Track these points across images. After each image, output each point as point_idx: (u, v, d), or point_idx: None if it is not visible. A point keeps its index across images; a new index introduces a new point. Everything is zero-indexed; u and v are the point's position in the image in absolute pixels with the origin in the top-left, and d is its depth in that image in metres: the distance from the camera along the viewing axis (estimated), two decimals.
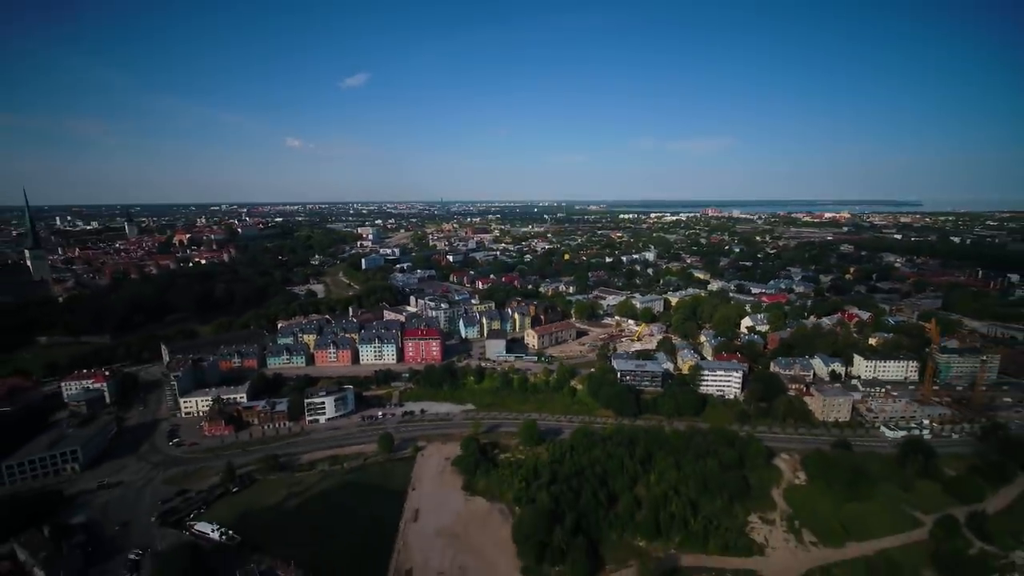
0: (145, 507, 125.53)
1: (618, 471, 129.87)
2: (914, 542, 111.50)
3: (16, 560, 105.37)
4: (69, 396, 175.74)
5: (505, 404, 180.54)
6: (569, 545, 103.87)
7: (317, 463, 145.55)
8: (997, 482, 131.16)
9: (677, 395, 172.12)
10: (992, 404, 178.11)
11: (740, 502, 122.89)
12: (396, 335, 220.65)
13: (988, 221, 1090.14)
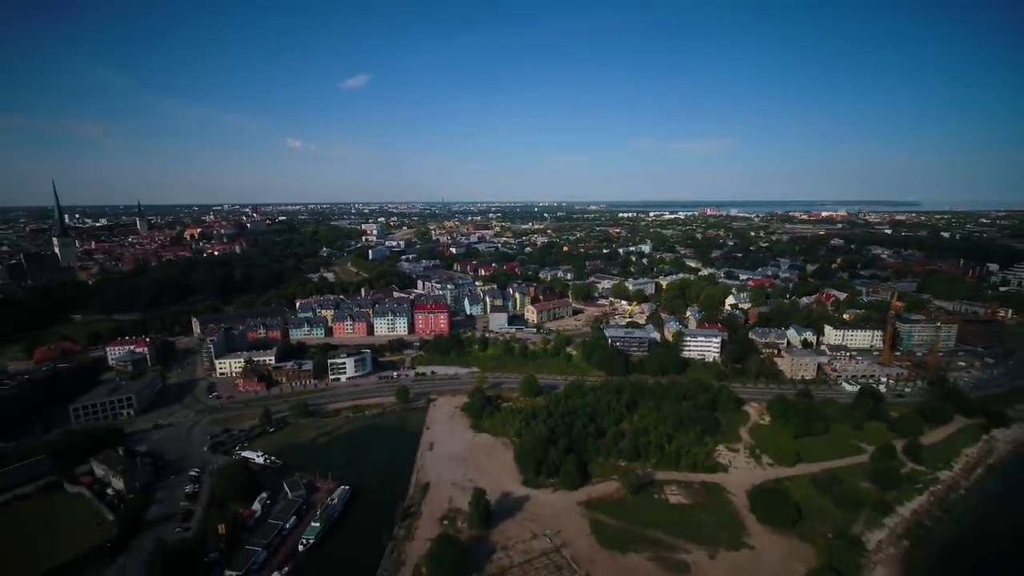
0: (196, 441, 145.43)
1: (606, 412, 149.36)
2: (857, 463, 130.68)
3: (94, 475, 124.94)
4: (115, 359, 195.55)
5: (507, 367, 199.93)
6: (562, 462, 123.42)
7: (341, 411, 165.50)
8: (936, 422, 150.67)
9: (662, 356, 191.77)
10: (947, 367, 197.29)
11: (710, 435, 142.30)
12: (407, 309, 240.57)
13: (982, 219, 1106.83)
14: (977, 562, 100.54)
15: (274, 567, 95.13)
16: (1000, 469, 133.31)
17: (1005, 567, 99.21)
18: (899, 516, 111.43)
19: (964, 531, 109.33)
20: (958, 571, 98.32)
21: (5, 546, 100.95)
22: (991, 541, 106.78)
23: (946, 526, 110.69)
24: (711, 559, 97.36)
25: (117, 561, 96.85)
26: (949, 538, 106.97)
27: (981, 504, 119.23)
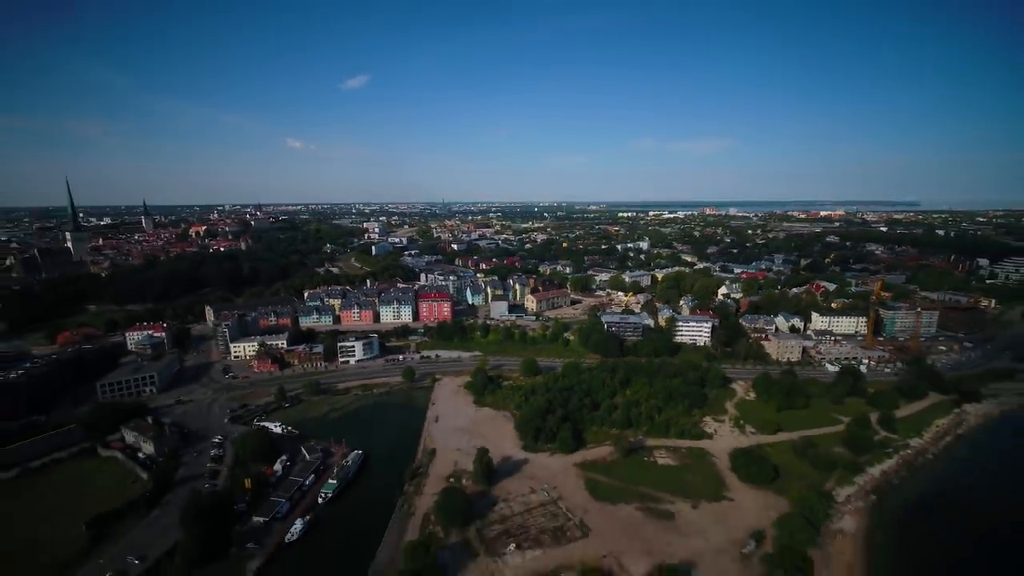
0: (217, 415, 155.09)
1: (600, 387, 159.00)
2: (834, 432, 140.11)
3: (124, 441, 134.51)
4: (135, 343, 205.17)
5: (507, 351, 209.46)
6: (558, 429, 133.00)
7: (351, 390, 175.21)
8: (911, 398, 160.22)
9: (655, 340, 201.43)
10: (928, 350, 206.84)
11: (698, 408, 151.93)
12: (412, 298, 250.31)
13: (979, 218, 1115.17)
14: (938, 515, 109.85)
15: (296, 516, 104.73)
16: (968, 438, 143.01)
17: (963, 519, 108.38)
18: (869, 476, 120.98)
19: (928, 489, 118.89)
20: (920, 522, 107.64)
21: (50, 500, 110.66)
22: (952, 497, 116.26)
23: (912, 484, 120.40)
24: (694, 509, 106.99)
25: (153, 512, 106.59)
26: (914, 494, 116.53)
27: (947, 467, 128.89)
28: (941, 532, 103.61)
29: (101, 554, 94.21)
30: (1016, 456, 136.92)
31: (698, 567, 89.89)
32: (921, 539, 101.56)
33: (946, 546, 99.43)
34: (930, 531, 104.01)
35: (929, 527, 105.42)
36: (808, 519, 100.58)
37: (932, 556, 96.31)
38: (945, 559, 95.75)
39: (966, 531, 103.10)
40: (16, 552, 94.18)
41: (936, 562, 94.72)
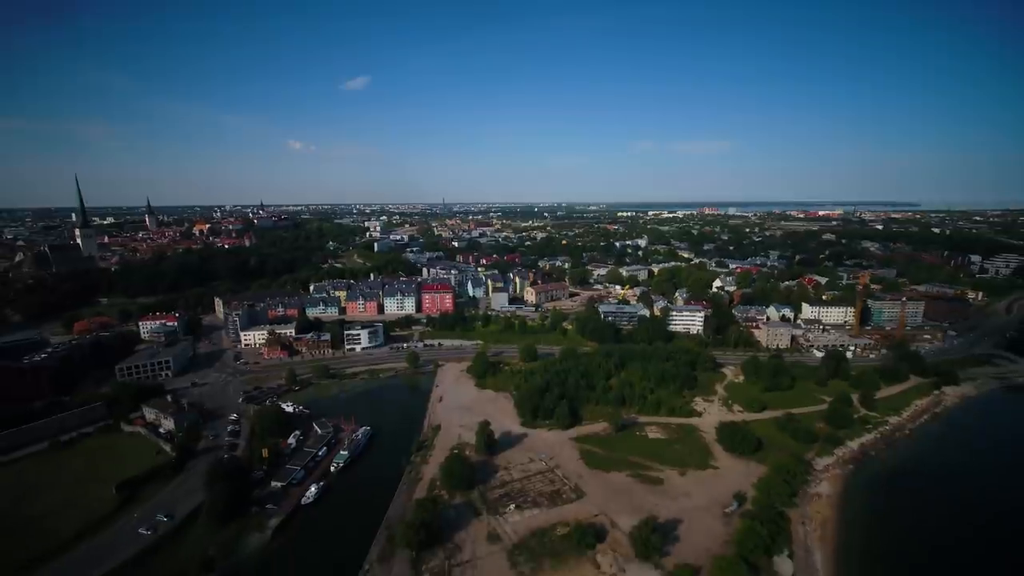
0: (231, 396, 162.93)
1: (596, 370, 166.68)
2: (817, 411, 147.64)
3: (145, 419, 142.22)
4: (149, 331, 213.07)
5: (508, 340, 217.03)
6: (556, 406, 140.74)
7: (358, 374, 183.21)
8: (893, 380, 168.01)
9: (649, 329, 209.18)
10: (913, 339, 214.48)
11: (689, 389, 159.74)
12: (415, 290, 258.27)
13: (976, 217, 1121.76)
14: (910, 482, 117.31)
15: (311, 481, 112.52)
16: (944, 416, 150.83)
17: (935, 486, 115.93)
18: (847, 448, 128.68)
19: (903, 460, 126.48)
20: (893, 488, 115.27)
21: (80, 468, 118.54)
22: (925, 467, 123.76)
23: (888, 456, 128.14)
24: (681, 475, 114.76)
25: (177, 477, 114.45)
26: (889, 465, 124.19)
27: (922, 441, 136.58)
28: (912, 497, 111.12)
29: (132, 513, 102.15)
30: (989, 432, 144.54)
31: (684, 523, 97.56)
32: (892, 502, 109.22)
33: (915, 508, 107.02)
34: (902, 495, 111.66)
35: (901, 492, 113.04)
36: (787, 482, 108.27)
37: (902, 516, 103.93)
38: (914, 519, 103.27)
39: (937, 497, 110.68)
40: (51, 512, 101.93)
41: (905, 523, 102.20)
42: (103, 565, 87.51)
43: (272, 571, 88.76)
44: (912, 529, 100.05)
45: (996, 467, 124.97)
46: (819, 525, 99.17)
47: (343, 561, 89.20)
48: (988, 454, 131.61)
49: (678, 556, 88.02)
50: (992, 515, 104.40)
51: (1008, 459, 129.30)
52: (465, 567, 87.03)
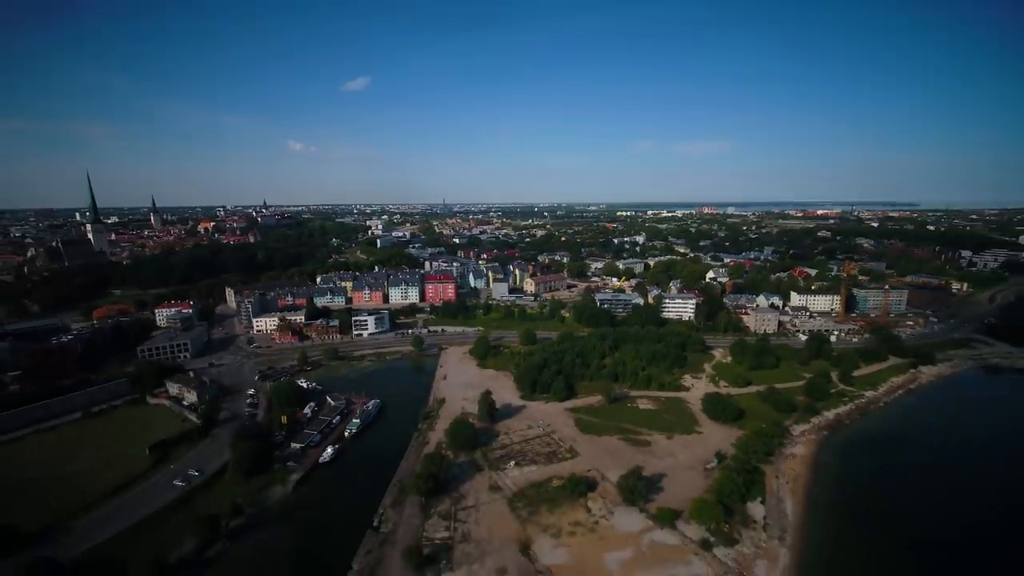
0: (247, 374, 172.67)
1: (591, 351, 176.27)
2: (798, 386, 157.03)
3: (169, 393, 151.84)
4: (165, 318, 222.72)
5: (508, 326, 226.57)
6: (553, 381, 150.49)
7: (366, 357, 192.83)
8: (872, 360, 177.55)
9: (643, 315, 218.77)
10: (896, 325, 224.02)
11: (679, 368, 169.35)
12: (418, 280, 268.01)
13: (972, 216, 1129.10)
14: (880, 445, 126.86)
15: (327, 444, 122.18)
16: (918, 391, 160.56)
17: (903, 449, 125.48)
18: (823, 417, 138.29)
19: (875, 427, 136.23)
20: (863, 450, 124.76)
21: (113, 433, 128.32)
22: (895, 433, 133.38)
23: (861, 423, 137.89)
24: (668, 439, 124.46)
25: (203, 441, 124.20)
26: (861, 431, 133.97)
27: (895, 412, 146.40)
28: (881, 457, 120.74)
29: (164, 470, 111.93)
30: (960, 404, 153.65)
31: (667, 477, 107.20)
32: (862, 462, 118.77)
33: (883, 467, 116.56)
34: (871, 456, 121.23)
35: (871, 454, 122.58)
36: (764, 443, 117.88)
37: (870, 475, 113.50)
38: (881, 477, 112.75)
39: (904, 458, 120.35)
40: (91, 468, 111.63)
41: (873, 480, 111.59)
42: (145, 509, 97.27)
43: (294, 516, 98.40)
44: (878, 486, 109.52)
45: (962, 432, 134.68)
46: (792, 479, 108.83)
47: (359, 508, 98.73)
48: (957, 421, 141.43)
49: (661, 502, 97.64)
50: (955, 473, 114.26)
51: (975, 425, 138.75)
52: (469, 511, 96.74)
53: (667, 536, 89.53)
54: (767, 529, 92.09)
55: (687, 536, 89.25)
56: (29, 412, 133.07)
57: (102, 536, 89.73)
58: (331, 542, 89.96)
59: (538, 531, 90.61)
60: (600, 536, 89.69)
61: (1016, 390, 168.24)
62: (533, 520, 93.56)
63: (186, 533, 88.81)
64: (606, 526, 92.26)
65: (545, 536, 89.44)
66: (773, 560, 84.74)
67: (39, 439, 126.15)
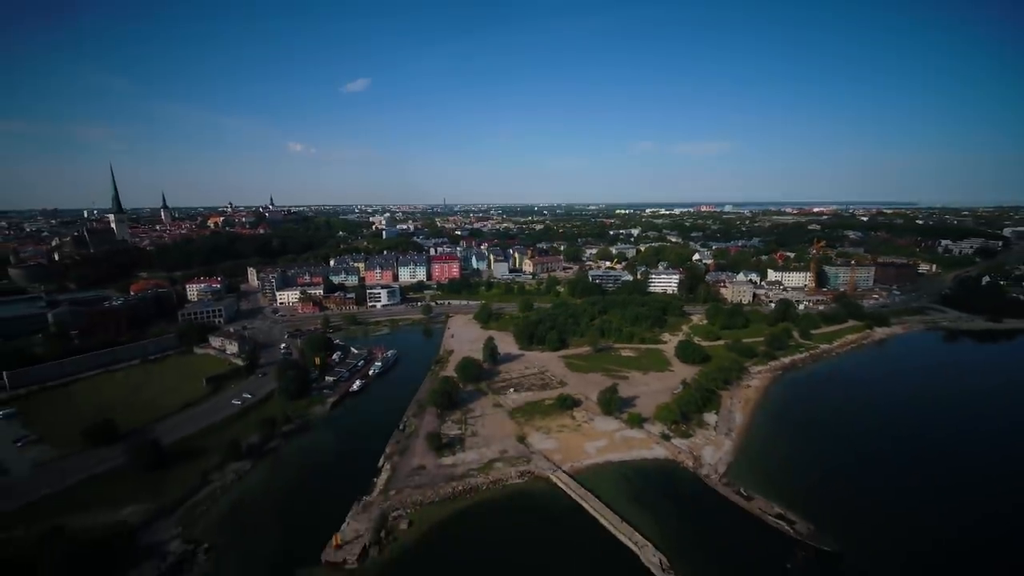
0: (277, 334, 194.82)
1: (583, 314, 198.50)
2: (762, 340, 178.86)
3: (212, 345, 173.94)
4: (197, 291, 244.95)
5: (508, 300, 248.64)
6: (547, 335, 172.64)
7: (380, 323, 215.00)
8: (832, 322, 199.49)
9: (631, 287, 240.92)
10: (862, 296, 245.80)
11: (659, 327, 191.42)
12: (425, 260, 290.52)
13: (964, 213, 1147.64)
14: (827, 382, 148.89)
15: (355, 379, 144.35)
16: (869, 345, 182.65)
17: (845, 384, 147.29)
18: (780, 361, 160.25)
19: (823, 370, 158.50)
20: (810, 385, 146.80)
21: (173, 372, 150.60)
22: (839, 374, 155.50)
23: (811, 366, 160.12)
24: (643, 375, 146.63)
25: (250, 376, 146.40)
26: (811, 371, 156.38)
27: (843, 359, 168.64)
28: (823, 390, 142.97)
29: (222, 394, 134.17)
30: (903, 355, 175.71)
31: (639, 398, 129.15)
32: (805, 391, 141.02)
33: (823, 395, 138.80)
34: (814, 389, 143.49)
35: (815, 387, 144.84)
36: (724, 375, 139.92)
37: (811, 401, 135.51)
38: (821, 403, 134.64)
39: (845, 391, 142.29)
40: (161, 394, 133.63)
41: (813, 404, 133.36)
42: (212, 418, 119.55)
43: (333, 425, 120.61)
44: (816, 408, 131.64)
45: (894, 371, 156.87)
46: (743, 401, 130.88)
47: (386, 419, 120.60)
48: (892, 365, 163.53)
49: (632, 412, 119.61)
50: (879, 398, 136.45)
51: (909, 369, 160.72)
52: (476, 419, 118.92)
53: (635, 433, 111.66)
54: (716, 429, 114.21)
55: (651, 432, 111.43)
56: (101, 356, 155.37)
57: (183, 433, 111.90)
58: (365, 440, 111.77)
59: (532, 430, 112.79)
60: (582, 432, 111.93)
61: (952, 345, 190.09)
62: (528, 423, 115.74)
63: (250, 431, 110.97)
64: (587, 427, 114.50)
65: (538, 432, 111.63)
66: (718, 447, 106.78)
67: (110, 378, 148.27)
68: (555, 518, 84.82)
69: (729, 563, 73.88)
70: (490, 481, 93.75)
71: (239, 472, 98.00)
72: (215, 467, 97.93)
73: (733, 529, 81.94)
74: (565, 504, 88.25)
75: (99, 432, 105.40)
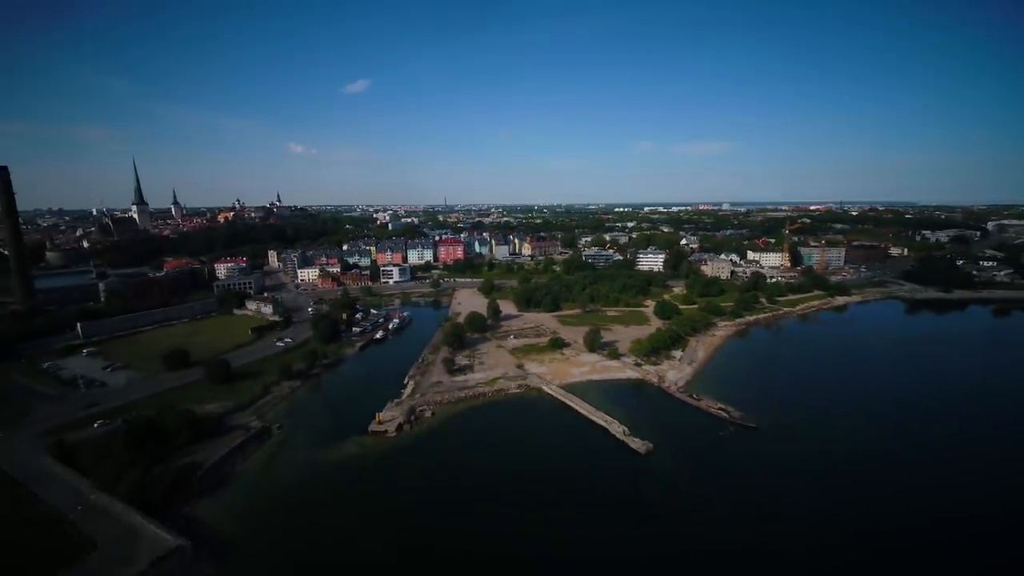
0: (303, 302, 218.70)
1: (575, 285, 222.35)
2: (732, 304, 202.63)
3: (248, 308, 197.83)
4: (224, 269, 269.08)
5: (508, 277, 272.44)
6: (543, 299, 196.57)
7: (394, 296, 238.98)
8: (798, 292, 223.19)
9: (621, 266, 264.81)
10: (833, 275, 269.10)
11: (643, 295, 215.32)
12: (432, 244, 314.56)
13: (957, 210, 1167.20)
14: (782, 334, 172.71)
15: (377, 331, 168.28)
16: (827, 310, 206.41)
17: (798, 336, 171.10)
18: (744, 319, 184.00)
19: (783, 326, 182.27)
20: (767, 335, 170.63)
21: (219, 327, 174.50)
22: (795, 330, 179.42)
23: (773, 323, 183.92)
24: (625, 327, 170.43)
25: (287, 328, 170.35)
26: (771, 327, 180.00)
27: (802, 319, 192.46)
28: (780, 336, 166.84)
29: (267, 340, 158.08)
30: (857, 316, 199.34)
31: (618, 341, 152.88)
32: (764, 340, 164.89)
33: (778, 342, 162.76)
34: (772, 337, 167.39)
35: (772, 337, 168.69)
36: (693, 324, 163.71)
37: (768, 342, 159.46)
38: (775, 347, 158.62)
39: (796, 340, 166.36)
40: (213, 340, 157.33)
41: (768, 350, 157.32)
42: (262, 355, 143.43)
43: (362, 361, 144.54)
44: (768, 349, 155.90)
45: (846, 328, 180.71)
46: (707, 344, 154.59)
47: (407, 356, 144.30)
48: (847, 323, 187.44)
49: (611, 349, 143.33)
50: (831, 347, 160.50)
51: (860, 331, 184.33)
52: (482, 355, 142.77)
53: (613, 363, 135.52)
54: (680, 360, 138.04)
55: (626, 362, 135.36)
56: (155, 314, 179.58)
57: (240, 363, 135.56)
58: (391, 368, 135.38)
59: (528, 361, 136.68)
60: (569, 362, 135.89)
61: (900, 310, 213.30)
62: (525, 357, 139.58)
63: (296, 360, 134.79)
64: (574, 359, 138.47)
65: (533, 363, 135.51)
66: (680, 371, 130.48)
67: (165, 331, 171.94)
68: (544, 412, 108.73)
69: (676, 433, 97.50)
70: (494, 390, 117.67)
71: (292, 387, 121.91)
72: (273, 383, 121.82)
73: (682, 414, 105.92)
74: (553, 403, 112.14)
75: (176, 358, 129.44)
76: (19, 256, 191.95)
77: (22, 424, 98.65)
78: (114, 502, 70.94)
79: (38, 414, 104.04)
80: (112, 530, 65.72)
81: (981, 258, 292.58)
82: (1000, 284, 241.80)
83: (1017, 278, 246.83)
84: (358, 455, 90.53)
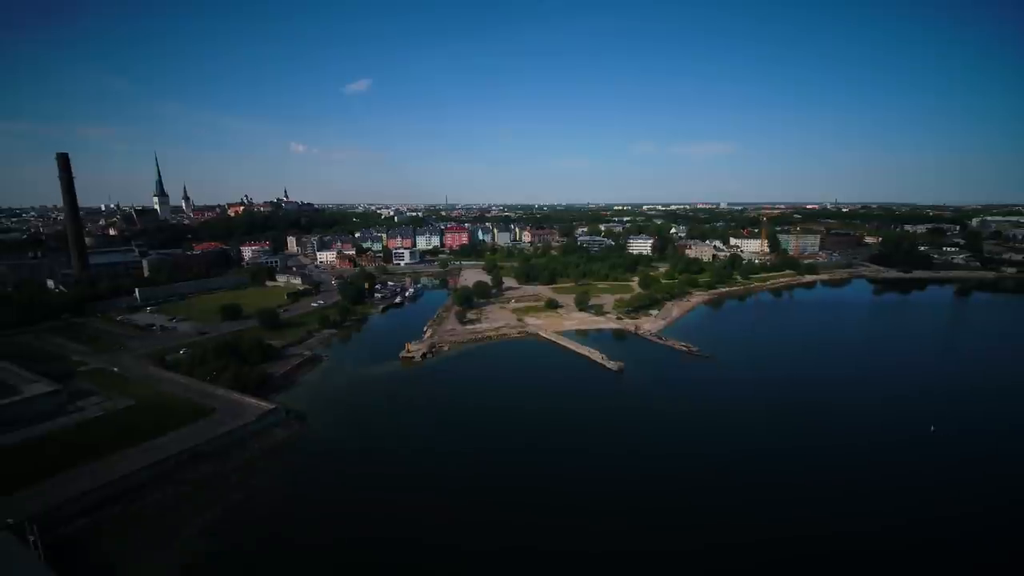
0: (325, 278, 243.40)
1: (570, 264, 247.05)
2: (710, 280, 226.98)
3: (278, 281, 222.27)
4: (249, 251, 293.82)
5: (509, 260, 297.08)
6: (540, 274, 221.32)
7: (405, 275, 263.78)
8: (772, 271, 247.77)
9: (612, 249, 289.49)
10: (807, 258, 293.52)
11: (631, 273, 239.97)
12: (439, 231, 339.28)
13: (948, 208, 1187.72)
14: (749, 303, 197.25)
15: (396, 297, 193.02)
16: (794, 286, 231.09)
17: (765, 304, 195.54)
18: (718, 291, 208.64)
19: (750, 298, 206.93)
20: (736, 303, 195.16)
21: (259, 294, 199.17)
22: (763, 300, 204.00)
23: (742, 294, 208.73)
24: (612, 296, 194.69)
25: (317, 295, 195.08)
26: (741, 296, 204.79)
27: (771, 292, 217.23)
28: (746, 305, 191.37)
29: (301, 302, 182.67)
30: (819, 292, 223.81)
31: (605, 304, 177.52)
32: (732, 305, 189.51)
33: (744, 311, 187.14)
34: (739, 304, 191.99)
35: (740, 304, 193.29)
36: (669, 291, 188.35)
37: (736, 309, 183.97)
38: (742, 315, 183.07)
39: (761, 306, 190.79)
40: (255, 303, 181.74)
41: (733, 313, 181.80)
42: (301, 312, 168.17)
43: (386, 318, 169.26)
44: (735, 312, 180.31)
45: (807, 299, 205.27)
46: (681, 306, 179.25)
47: (422, 317, 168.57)
48: (809, 295, 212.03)
49: (597, 307, 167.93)
50: (791, 308, 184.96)
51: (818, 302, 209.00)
52: (488, 313, 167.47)
53: (599, 318, 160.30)
54: (656, 316, 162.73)
55: (610, 317, 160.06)
56: (199, 283, 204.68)
57: (286, 316, 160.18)
58: (411, 322, 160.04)
59: (527, 316, 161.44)
60: (562, 317, 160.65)
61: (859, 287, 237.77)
62: (525, 315, 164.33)
63: (331, 313, 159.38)
64: (566, 316, 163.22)
65: (531, 318, 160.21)
66: (655, 324, 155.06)
67: (211, 296, 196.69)
68: (539, 349, 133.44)
69: (645, 360, 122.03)
70: (499, 335, 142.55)
71: (330, 334, 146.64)
72: (315, 329, 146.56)
73: (652, 349, 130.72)
74: (546, 343, 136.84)
75: (231, 310, 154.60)
76: (78, 235, 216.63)
77: (122, 352, 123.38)
78: (218, 388, 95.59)
79: (130, 346, 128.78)
80: (223, 402, 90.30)
81: (945, 245, 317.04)
82: (956, 266, 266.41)
83: (972, 260, 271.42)
84: (394, 372, 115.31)
